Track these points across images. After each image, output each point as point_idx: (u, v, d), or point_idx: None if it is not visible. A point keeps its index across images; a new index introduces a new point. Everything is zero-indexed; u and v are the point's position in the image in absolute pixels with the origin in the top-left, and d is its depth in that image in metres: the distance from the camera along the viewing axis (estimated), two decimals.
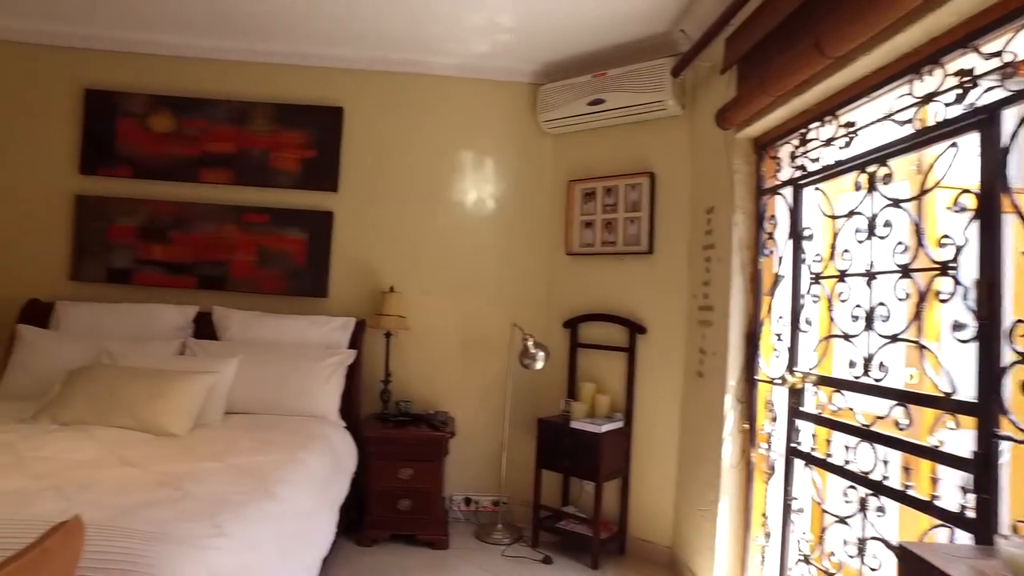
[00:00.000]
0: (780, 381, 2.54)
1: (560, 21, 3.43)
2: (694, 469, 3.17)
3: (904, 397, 1.93)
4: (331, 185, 3.91)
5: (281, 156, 3.90)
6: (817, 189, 2.45)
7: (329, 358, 3.48)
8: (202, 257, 3.86)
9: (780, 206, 2.74)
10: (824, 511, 2.31)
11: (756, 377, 2.80)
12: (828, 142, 2.33)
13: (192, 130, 3.90)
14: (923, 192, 1.92)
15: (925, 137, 1.89)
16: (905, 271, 1.94)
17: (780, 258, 2.71)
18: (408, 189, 4.01)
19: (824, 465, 2.29)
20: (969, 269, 1.71)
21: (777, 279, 2.71)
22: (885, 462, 1.97)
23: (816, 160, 2.44)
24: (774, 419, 2.67)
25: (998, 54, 1.62)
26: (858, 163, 2.18)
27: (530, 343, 3.43)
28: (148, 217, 3.86)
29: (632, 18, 3.37)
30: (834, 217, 2.35)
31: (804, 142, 2.52)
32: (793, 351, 2.54)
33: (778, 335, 2.68)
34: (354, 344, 3.69)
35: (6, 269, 3.85)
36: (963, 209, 1.72)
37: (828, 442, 2.30)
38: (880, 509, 2.01)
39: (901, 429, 1.91)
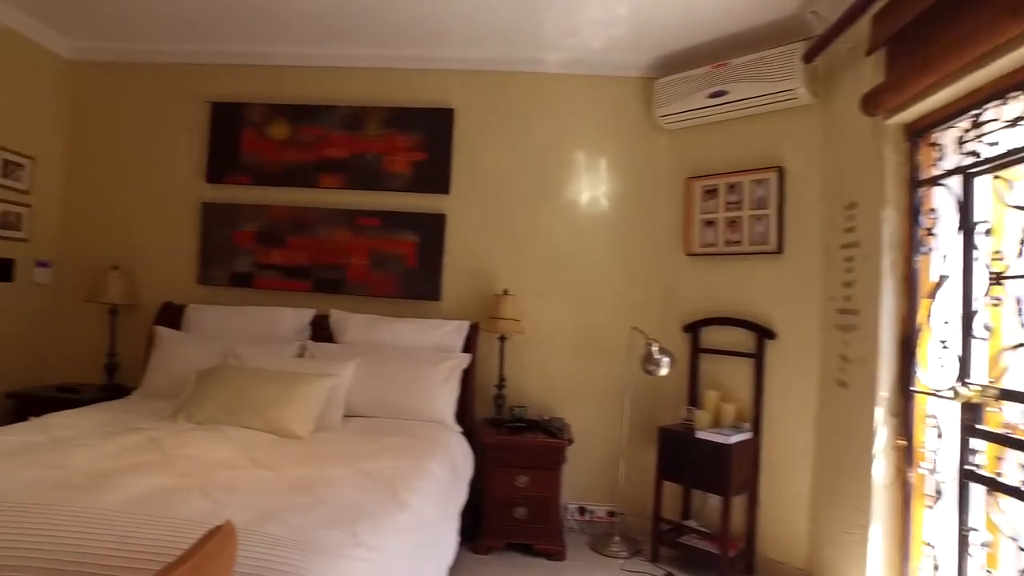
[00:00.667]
0: (950, 394, 2.27)
1: (678, 11, 3.26)
2: (836, 487, 2.91)
3: None
4: (442, 187, 3.89)
5: (393, 159, 3.92)
6: (997, 177, 2.17)
7: (445, 362, 3.44)
8: (318, 261, 3.93)
9: (942, 198, 2.46)
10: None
11: (913, 388, 2.53)
12: (1015, 122, 2.05)
13: (308, 137, 3.98)
14: None
15: None
16: None
17: (944, 256, 2.43)
18: (520, 190, 3.94)
19: (1018, 494, 2.00)
20: None
21: (941, 280, 2.43)
22: None
23: (995, 144, 2.16)
24: (939, 435, 2.40)
25: None
26: None
27: (654, 348, 3.27)
28: (267, 223, 3.97)
29: (756, 3, 3.16)
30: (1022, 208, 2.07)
31: (977, 124, 2.24)
32: (965, 360, 2.26)
33: (943, 342, 2.40)
34: (468, 348, 3.64)
35: (147, 273, 4.07)
36: None
37: (999, 459, 2.03)
38: None
39: None
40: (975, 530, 2.18)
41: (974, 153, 2.26)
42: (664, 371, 3.29)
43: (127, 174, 4.15)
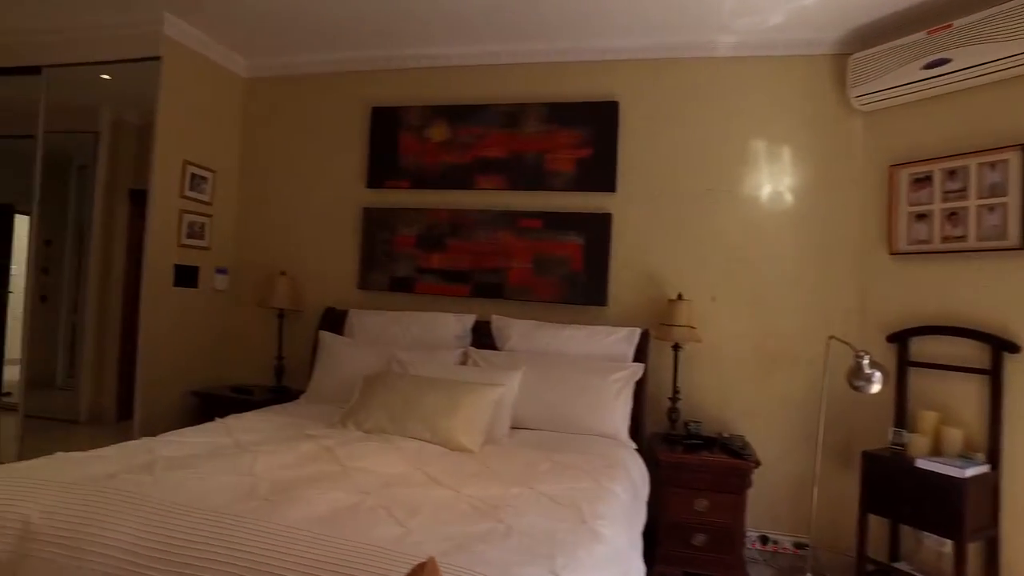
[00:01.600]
0: None
1: None
2: None
3: None
4: (608, 185, 3.65)
5: (555, 157, 3.73)
6: None
7: (617, 372, 3.19)
8: (478, 265, 3.82)
9: None
10: None
11: None
12: None
13: (466, 137, 3.89)
14: None
15: None
16: None
17: None
18: (692, 185, 3.61)
19: None
20: None
21: None
22: None
23: None
24: None
25: None
26: None
27: (865, 362, 2.83)
28: (426, 226, 3.92)
29: None
30: None
31: None
32: None
33: None
34: (639, 357, 3.37)
35: (311, 278, 4.16)
36: None
37: None
38: None
39: None
40: None
41: None
42: (876, 387, 2.84)
43: (293, 183, 4.27)
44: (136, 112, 5.75)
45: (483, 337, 3.63)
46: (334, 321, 3.92)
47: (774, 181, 3.53)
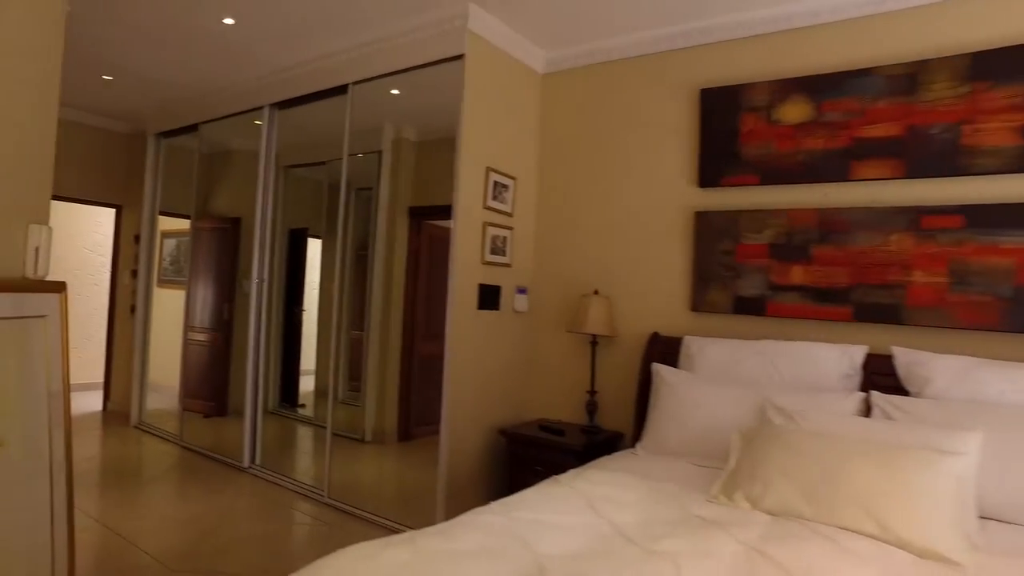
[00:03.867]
0: None
1: None
2: None
3: None
4: None
5: (981, 129, 2.68)
6: None
7: None
8: (860, 279, 2.88)
9: None
10: None
11: None
12: None
13: (835, 114, 2.99)
14: None
15: None
16: None
17: None
18: None
19: None
20: None
21: None
22: None
23: None
24: None
25: None
26: None
27: None
28: (783, 231, 3.07)
29: None
30: None
31: None
32: None
33: None
34: None
35: (627, 299, 3.52)
36: None
37: None
38: None
39: None
40: None
41: None
42: None
43: (600, 187, 3.68)
44: (415, 129, 5.68)
45: (881, 377, 2.68)
46: (663, 350, 3.24)
47: None
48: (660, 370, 3.03)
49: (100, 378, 6.18)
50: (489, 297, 3.53)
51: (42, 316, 2.21)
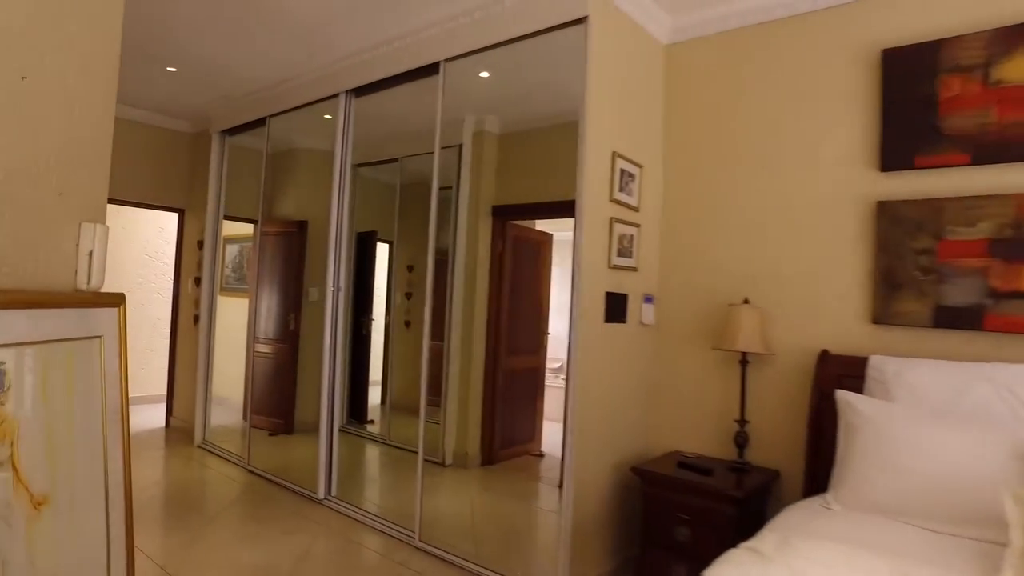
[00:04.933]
0: None
1: None
2: None
3: None
4: None
5: None
6: None
7: None
8: None
9: None
10: None
11: None
12: None
13: None
14: None
15: None
16: None
17: None
18: None
19: None
20: None
21: None
22: None
23: None
24: None
25: None
26: None
27: None
28: (1006, 223, 2.41)
29: None
30: None
31: None
32: None
33: None
34: None
35: (781, 309, 2.90)
36: None
37: None
38: None
39: None
40: None
41: None
42: None
43: (741, 177, 3.07)
44: (498, 120, 5.16)
45: None
46: (837, 372, 2.61)
47: None
48: (850, 400, 2.39)
49: (163, 391, 5.83)
50: (616, 307, 2.96)
51: (96, 337, 1.71)
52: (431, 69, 3.51)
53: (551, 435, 5.73)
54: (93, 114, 1.72)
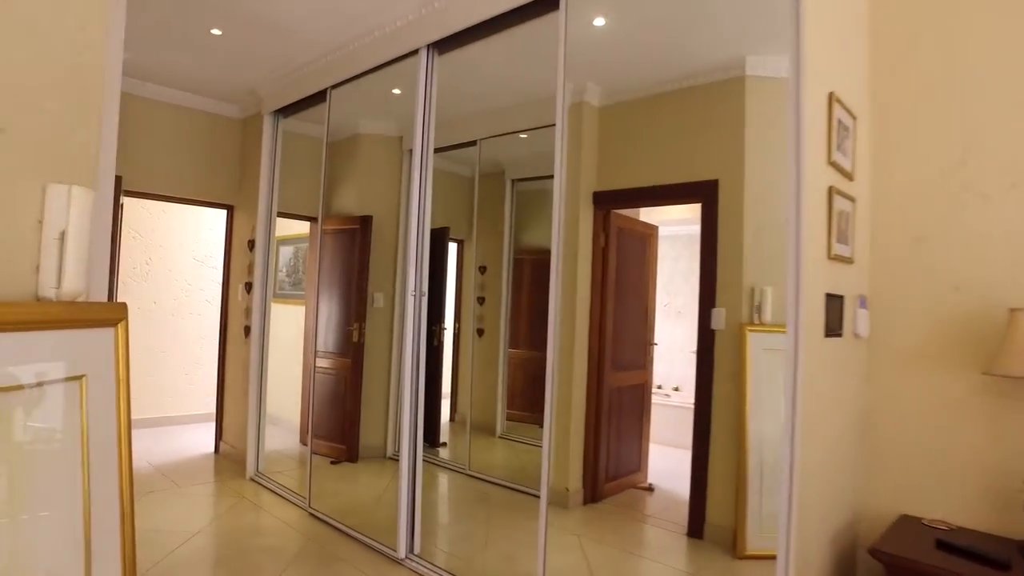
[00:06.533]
0: None
1: None
2: None
3: None
4: None
5: None
6: None
7: None
8: None
9: None
10: None
11: None
12: None
13: None
14: None
15: None
16: None
17: None
18: None
19: None
20: None
21: None
22: None
23: None
24: None
25: None
26: None
27: None
28: None
29: None
30: None
31: None
32: None
33: None
34: None
35: None
36: None
37: None
38: None
39: None
40: None
41: None
42: None
43: (1000, 111, 2.14)
44: (603, 89, 4.30)
45: None
46: None
47: None
48: None
49: (211, 409, 5.14)
50: (833, 315, 2.05)
51: (75, 378, 0.86)
52: (544, 5, 2.68)
53: (656, 462, 4.84)
54: (76, 20, 0.93)
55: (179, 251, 5.98)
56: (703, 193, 3.68)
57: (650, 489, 4.56)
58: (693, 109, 3.78)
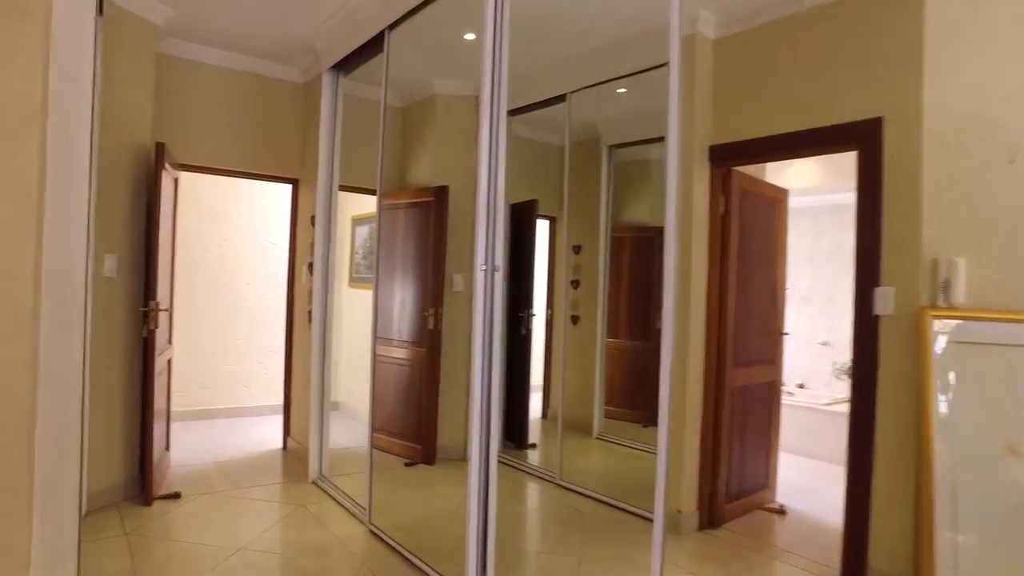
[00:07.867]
0: None
1: None
2: None
3: None
4: None
5: None
6: None
7: None
8: None
9: None
10: None
11: None
12: None
13: None
14: None
15: None
16: None
17: None
18: None
19: None
20: None
21: None
22: None
23: None
24: None
25: None
26: None
27: None
28: None
29: None
30: None
31: None
32: None
33: None
34: None
35: None
36: None
37: None
38: None
39: None
40: None
41: None
42: None
43: None
44: (719, 18, 3.45)
45: None
46: None
47: None
48: None
49: (281, 401, 4.72)
50: None
51: None
52: None
53: (784, 475, 3.99)
54: None
55: (251, 231, 5.62)
56: (860, 137, 2.80)
57: (781, 511, 3.73)
58: (842, 28, 2.90)
